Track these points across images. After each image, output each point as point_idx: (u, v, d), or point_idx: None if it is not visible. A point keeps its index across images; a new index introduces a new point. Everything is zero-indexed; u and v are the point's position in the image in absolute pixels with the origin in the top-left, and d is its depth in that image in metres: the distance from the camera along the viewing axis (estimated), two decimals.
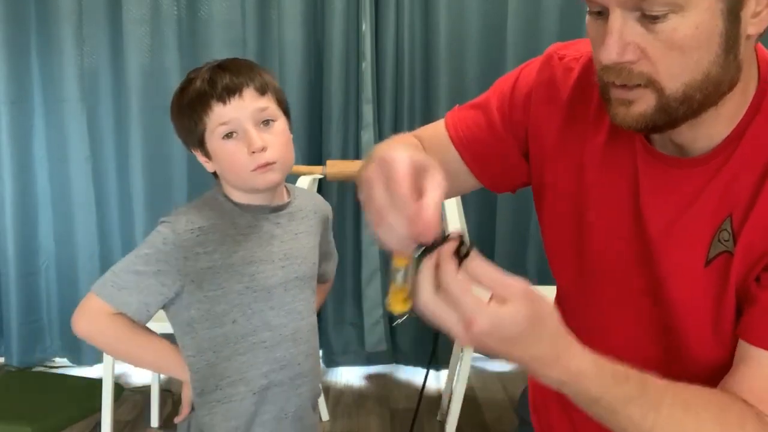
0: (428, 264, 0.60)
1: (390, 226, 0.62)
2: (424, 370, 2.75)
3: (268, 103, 1.07)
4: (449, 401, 2.09)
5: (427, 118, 2.60)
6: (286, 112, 1.11)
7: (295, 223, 1.16)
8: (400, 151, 0.63)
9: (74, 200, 2.62)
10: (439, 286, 0.60)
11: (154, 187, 2.56)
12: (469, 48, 2.57)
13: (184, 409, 1.13)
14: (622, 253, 0.85)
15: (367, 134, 2.55)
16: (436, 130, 1.01)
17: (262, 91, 1.07)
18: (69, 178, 2.61)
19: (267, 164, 1.05)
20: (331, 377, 2.74)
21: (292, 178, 2.25)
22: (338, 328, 2.76)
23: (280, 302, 1.12)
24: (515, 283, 0.60)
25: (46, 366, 2.74)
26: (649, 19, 0.68)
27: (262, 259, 1.10)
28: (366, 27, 2.50)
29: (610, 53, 0.70)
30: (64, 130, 2.58)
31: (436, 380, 2.66)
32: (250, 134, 1.04)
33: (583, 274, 0.91)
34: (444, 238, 0.60)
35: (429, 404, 2.50)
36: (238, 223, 1.10)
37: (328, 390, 2.60)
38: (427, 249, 0.60)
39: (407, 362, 2.79)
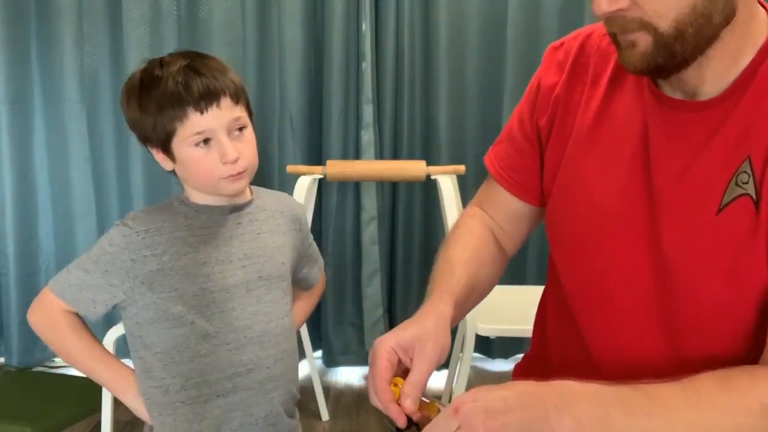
0: None
1: (377, 405, 0.78)
2: None
3: (241, 112, 1.06)
4: (449, 401, 2.09)
5: (427, 118, 2.60)
6: (251, 114, 1.10)
7: (258, 223, 1.14)
8: (387, 340, 0.79)
9: (74, 200, 2.62)
10: None
11: (154, 187, 2.56)
12: (469, 48, 2.57)
13: (146, 420, 1.13)
14: (624, 211, 0.84)
15: (367, 134, 2.55)
16: (486, 180, 1.07)
17: (236, 98, 1.05)
18: (69, 178, 2.61)
19: (239, 173, 1.05)
20: (331, 377, 2.74)
21: (293, 177, 2.25)
22: (338, 328, 2.76)
23: (243, 303, 1.10)
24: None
25: (46, 366, 2.74)
26: None
27: (219, 260, 1.09)
28: (366, 27, 2.50)
29: (600, 4, 0.74)
30: (64, 130, 2.58)
31: (436, 380, 2.66)
32: (224, 145, 1.03)
33: (581, 244, 0.90)
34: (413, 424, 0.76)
35: None
36: (191, 224, 1.10)
37: (328, 390, 2.60)
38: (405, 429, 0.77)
39: None
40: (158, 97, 1.03)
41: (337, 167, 2.32)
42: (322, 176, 2.25)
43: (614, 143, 0.86)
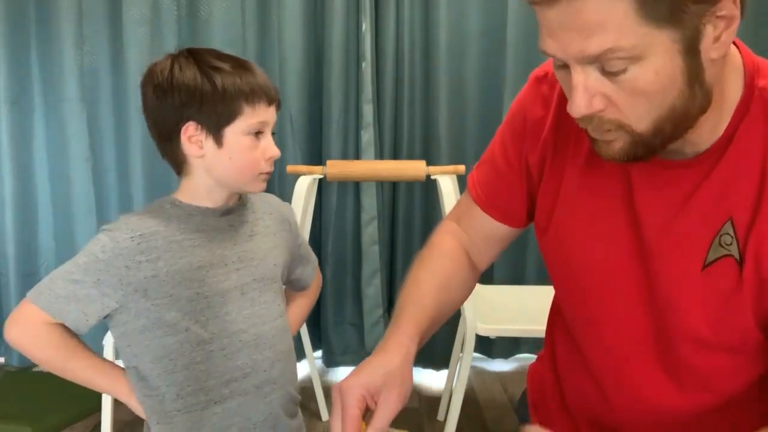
0: None
1: None
2: (424, 370, 2.74)
3: None
4: (449, 401, 2.09)
5: (427, 118, 2.60)
6: None
7: (248, 225, 1.14)
8: (356, 387, 0.79)
9: (74, 200, 2.62)
10: None
11: (154, 187, 2.56)
12: (469, 48, 2.57)
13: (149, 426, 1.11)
14: (617, 260, 0.86)
15: (367, 134, 2.55)
16: (465, 198, 1.06)
17: (278, 107, 1.11)
18: (69, 178, 2.61)
19: (268, 173, 1.10)
20: (331, 377, 2.74)
21: (292, 177, 2.25)
22: (338, 328, 2.76)
23: (238, 307, 1.09)
24: None
25: None
26: (610, 73, 0.69)
27: (213, 263, 1.08)
28: (366, 27, 2.50)
29: (578, 108, 0.72)
30: (64, 130, 2.58)
31: (436, 380, 2.66)
32: (271, 141, 1.09)
33: (578, 286, 0.91)
34: None
35: (429, 404, 2.50)
36: (185, 228, 1.08)
37: (328, 390, 2.60)
38: None
39: None
40: (231, 80, 1.05)
41: (337, 167, 2.32)
42: (322, 176, 2.25)
43: (601, 193, 0.87)
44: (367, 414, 0.81)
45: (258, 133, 1.07)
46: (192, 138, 1.06)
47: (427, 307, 0.91)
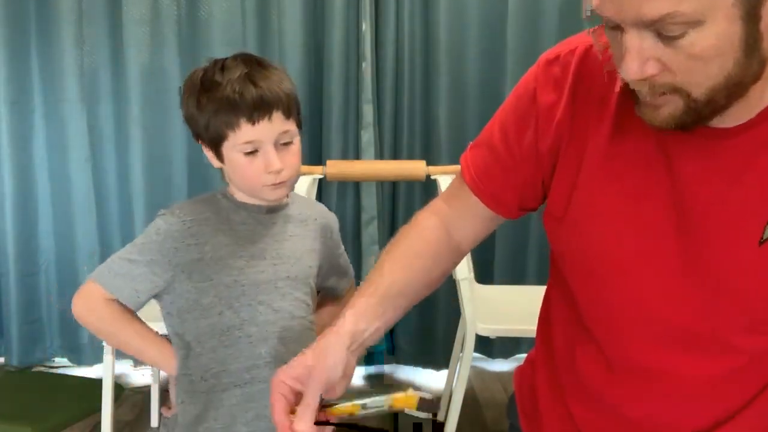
0: None
1: None
2: (424, 370, 2.74)
3: (291, 126, 1.10)
4: (449, 401, 2.09)
5: (427, 118, 2.60)
6: (299, 122, 1.13)
7: (290, 226, 1.19)
8: (281, 376, 0.82)
9: (74, 200, 2.62)
10: None
11: (154, 187, 2.56)
12: (469, 48, 2.57)
13: (173, 405, 1.16)
14: (652, 240, 0.82)
15: (367, 134, 2.55)
16: (458, 181, 1.03)
17: (288, 112, 1.09)
18: (69, 178, 2.61)
19: (281, 183, 1.10)
20: None
21: None
22: None
23: (269, 299, 1.15)
24: None
25: (46, 366, 2.74)
26: (667, 37, 0.68)
27: (253, 255, 1.14)
28: (366, 27, 2.50)
29: (629, 71, 0.70)
30: (64, 130, 2.58)
31: (436, 380, 2.66)
32: (270, 155, 1.08)
33: (604, 271, 0.87)
34: None
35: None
36: (232, 219, 1.15)
37: None
38: None
39: (407, 362, 2.79)
40: (214, 102, 1.07)
41: (337, 167, 2.32)
42: (322, 176, 2.25)
43: (635, 167, 0.83)
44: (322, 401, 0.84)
45: (253, 152, 1.08)
46: (208, 153, 1.14)
47: (382, 294, 0.91)
